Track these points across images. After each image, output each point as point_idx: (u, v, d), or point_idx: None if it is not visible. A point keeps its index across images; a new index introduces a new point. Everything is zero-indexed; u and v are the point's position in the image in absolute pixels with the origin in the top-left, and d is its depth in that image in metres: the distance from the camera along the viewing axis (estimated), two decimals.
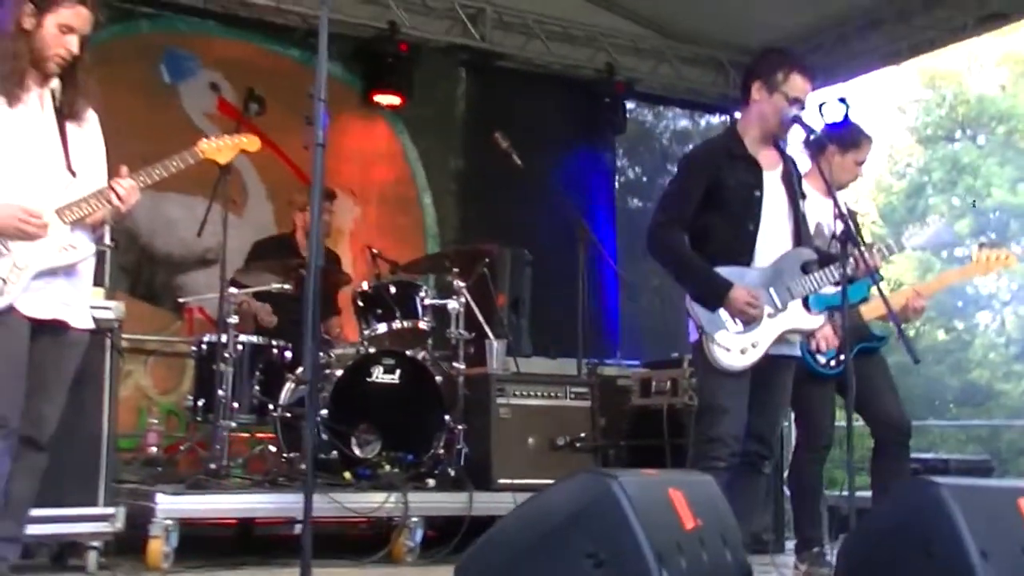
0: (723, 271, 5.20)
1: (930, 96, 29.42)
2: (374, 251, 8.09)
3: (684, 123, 12.08)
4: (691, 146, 6.56)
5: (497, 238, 9.04)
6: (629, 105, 10.82)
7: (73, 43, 4.41)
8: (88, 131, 4.65)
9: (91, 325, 4.65)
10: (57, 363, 4.52)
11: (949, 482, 3.88)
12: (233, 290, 7.26)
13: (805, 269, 5.31)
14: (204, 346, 7.39)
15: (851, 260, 5.33)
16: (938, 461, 10.15)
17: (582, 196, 10.34)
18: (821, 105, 10.81)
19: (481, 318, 7.65)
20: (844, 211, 5.12)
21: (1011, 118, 28.21)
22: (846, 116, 6.66)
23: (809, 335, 5.65)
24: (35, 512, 5.15)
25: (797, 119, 5.32)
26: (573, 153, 10.40)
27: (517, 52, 10.22)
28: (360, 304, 7.37)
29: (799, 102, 5.35)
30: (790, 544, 7.22)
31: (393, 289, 7.36)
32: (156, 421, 8.12)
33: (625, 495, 3.25)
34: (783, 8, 10.08)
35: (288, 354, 7.42)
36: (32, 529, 5.29)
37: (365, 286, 7.53)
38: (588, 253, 7.96)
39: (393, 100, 9.82)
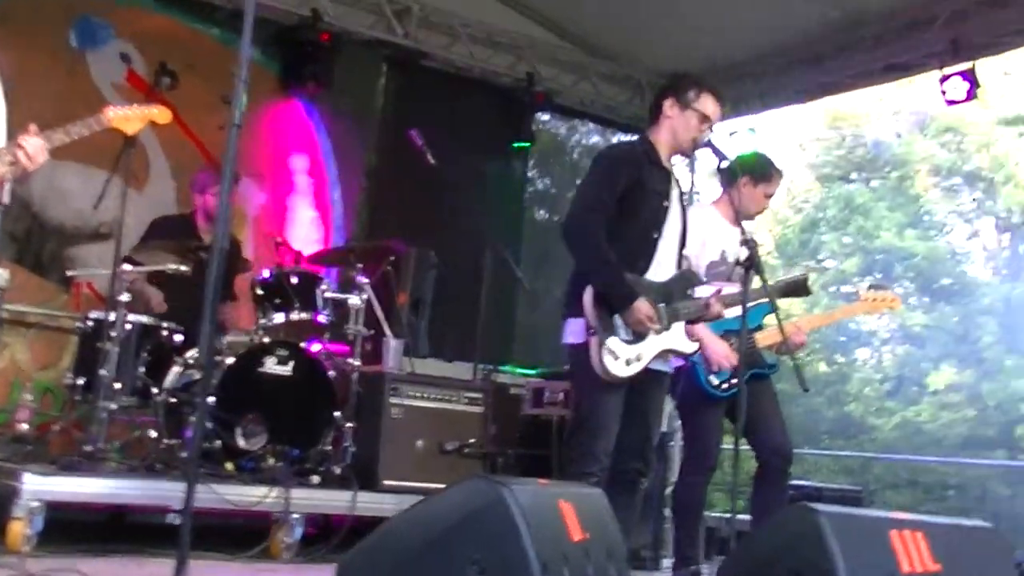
0: (630, 277, 5.25)
1: (831, 136, 29.95)
2: (278, 240, 7.95)
3: (596, 139, 12.18)
4: None
5: (404, 237, 8.94)
6: (544, 116, 10.84)
7: None
8: None
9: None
10: None
11: (828, 510, 3.87)
12: (127, 267, 6.92)
13: (692, 294, 5.41)
14: (90, 323, 7.06)
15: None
16: (812, 489, 10.48)
17: (492, 202, 10.39)
18: (732, 133, 10.97)
19: (381, 316, 7.58)
20: (750, 239, 5.25)
21: (904, 165, 28.84)
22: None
23: (686, 357, 5.68)
24: None
25: (710, 143, 5.47)
26: (487, 158, 10.37)
27: (440, 52, 10.11)
28: (259, 292, 7.19)
29: (709, 121, 5.49)
30: (667, 562, 7.23)
31: (294, 280, 7.17)
32: (31, 397, 7.74)
33: (516, 503, 3.19)
34: (705, 38, 10.07)
35: (178, 337, 7.13)
36: None
37: (266, 274, 7.34)
38: (493, 260, 7.90)
39: (311, 89, 9.68)
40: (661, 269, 5.43)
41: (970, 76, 8.67)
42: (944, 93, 8.86)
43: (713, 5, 9.53)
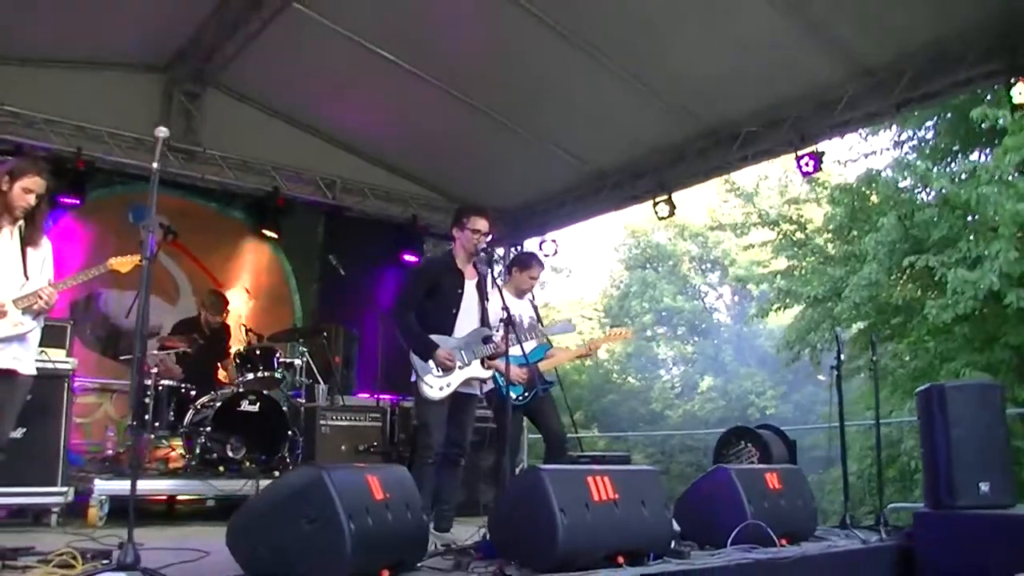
0: (435, 337, 5.18)
1: (631, 241, 30.40)
2: (246, 327, 7.92)
3: None
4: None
5: (339, 321, 8.97)
6: (430, 242, 10.65)
7: (32, 199, 4.36)
8: (41, 252, 4.52)
9: (33, 372, 4.46)
10: (11, 396, 4.35)
11: (548, 468, 4.01)
12: (154, 352, 7.08)
13: (484, 341, 5.33)
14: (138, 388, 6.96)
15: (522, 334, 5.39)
16: (592, 456, 10.19)
17: (392, 295, 10.16)
18: (541, 243, 11.01)
19: (315, 370, 7.53)
20: (508, 306, 4.95)
21: (671, 258, 29.43)
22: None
23: (484, 381, 5.50)
24: (19, 488, 5.60)
25: (483, 249, 5.32)
26: (387, 268, 9.99)
27: (356, 206, 10.00)
28: (237, 361, 7.18)
29: (479, 233, 5.28)
30: None
31: (258, 352, 7.20)
32: (112, 434, 7.68)
33: (329, 478, 3.18)
34: (520, 184, 10.17)
35: (193, 392, 7.11)
36: (20, 500, 5.67)
37: (240, 349, 7.39)
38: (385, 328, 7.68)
39: (274, 235, 9.53)
40: (462, 330, 5.30)
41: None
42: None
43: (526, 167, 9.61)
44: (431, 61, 8.12)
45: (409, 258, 9.98)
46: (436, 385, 5.15)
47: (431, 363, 5.14)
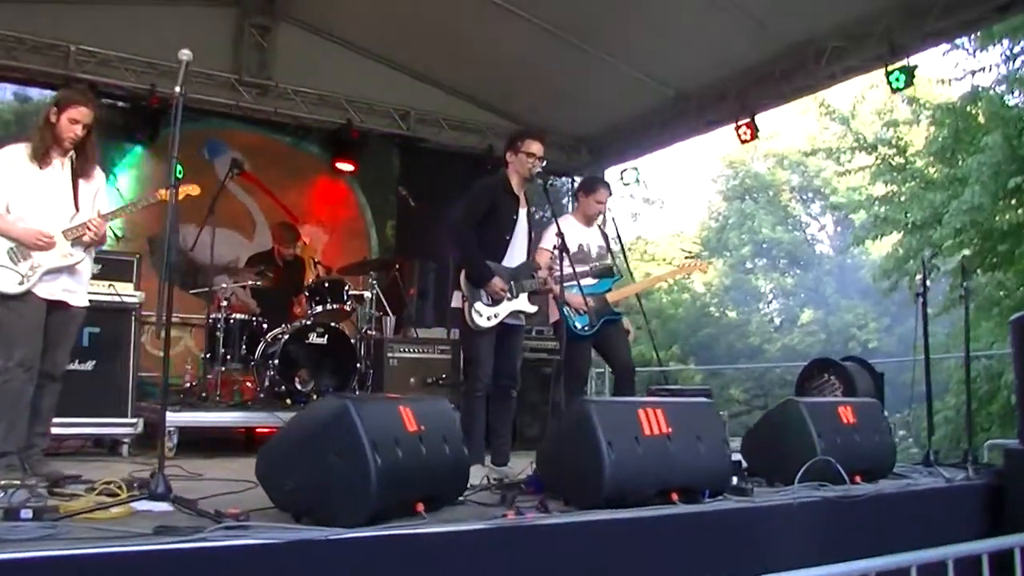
0: (490, 264, 5.08)
1: (728, 171, 29.49)
2: (315, 260, 7.91)
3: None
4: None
5: (416, 253, 8.97)
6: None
7: (79, 129, 4.36)
8: (94, 184, 4.55)
9: (86, 304, 4.52)
10: (64, 327, 4.41)
11: (596, 400, 3.86)
12: (223, 285, 7.10)
13: (532, 275, 5.22)
14: (211, 320, 7.05)
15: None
16: (669, 389, 9.99)
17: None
18: (623, 172, 10.72)
19: (385, 303, 7.49)
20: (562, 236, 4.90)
21: (771, 188, 28.28)
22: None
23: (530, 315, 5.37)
24: (92, 420, 5.70)
25: (538, 173, 5.20)
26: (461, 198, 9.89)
27: (431, 137, 9.96)
28: (306, 294, 7.15)
29: (534, 157, 5.17)
30: None
31: (327, 284, 7.15)
32: (190, 367, 7.81)
33: (355, 410, 3.05)
34: (600, 110, 9.96)
35: (264, 325, 7.12)
36: (91, 431, 5.81)
37: (310, 282, 7.39)
38: None
39: (349, 168, 9.59)
40: (513, 259, 5.21)
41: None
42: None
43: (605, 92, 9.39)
44: None
45: None
46: (485, 314, 5.05)
47: (482, 291, 5.03)
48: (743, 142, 8.73)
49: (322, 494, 3.02)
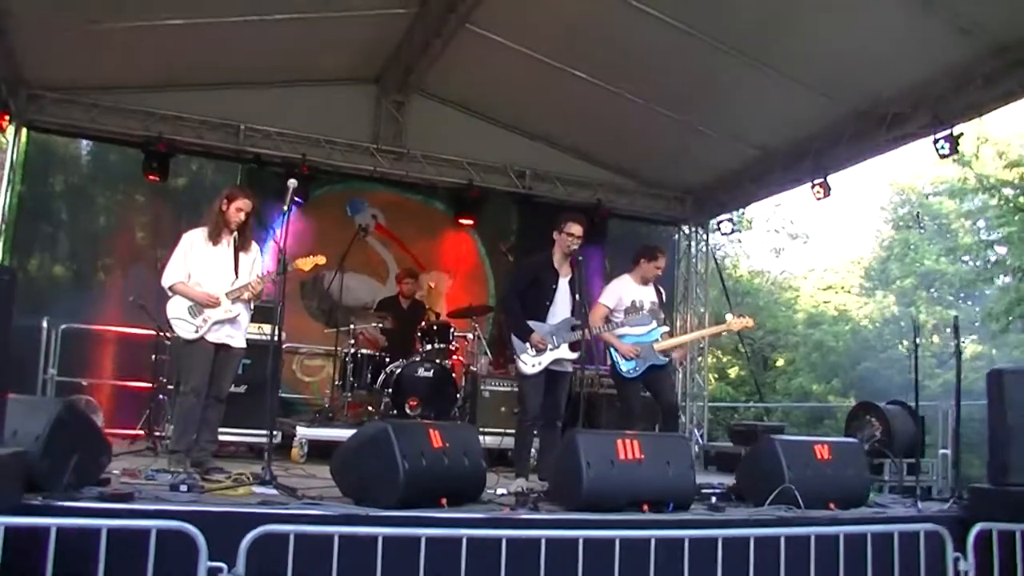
0: (531, 323, 6.26)
1: (896, 199, 29.33)
2: (426, 307, 9.26)
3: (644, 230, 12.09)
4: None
5: None
6: (613, 222, 11.53)
7: (242, 216, 5.96)
8: (251, 255, 6.11)
9: (243, 345, 6.02)
10: (227, 363, 5.97)
11: (583, 432, 5.23)
12: (352, 325, 8.60)
13: (572, 328, 6.32)
14: (344, 355, 8.59)
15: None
16: (745, 425, 10.90)
17: (589, 275, 11.00)
18: (719, 223, 11.73)
19: (484, 343, 8.85)
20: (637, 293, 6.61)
21: (938, 216, 28.01)
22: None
23: (572, 362, 6.36)
24: (245, 431, 7.32)
25: (575, 251, 6.32)
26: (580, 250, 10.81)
27: (547, 194, 11.24)
28: (419, 334, 8.46)
29: (574, 236, 6.27)
30: None
31: (435, 327, 8.46)
32: (329, 391, 9.23)
33: (392, 430, 4.50)
34: (706, 164, 10.99)
35: (387, 359, 8.42)
36: (244, 439, 7.43)
37: (423, 324, 8.64)
38: None
39: (470, 222, 10.98)
40: (555, 317, 6.28)
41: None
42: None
43: (697, 143, 10.32)
44: (607, 70, 9.22)
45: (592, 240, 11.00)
46: (530, 362, 6.28)
47: (527, 344, 6.28)
48: (817, 200, 9.65)
49: (369, 486, 4.58)
